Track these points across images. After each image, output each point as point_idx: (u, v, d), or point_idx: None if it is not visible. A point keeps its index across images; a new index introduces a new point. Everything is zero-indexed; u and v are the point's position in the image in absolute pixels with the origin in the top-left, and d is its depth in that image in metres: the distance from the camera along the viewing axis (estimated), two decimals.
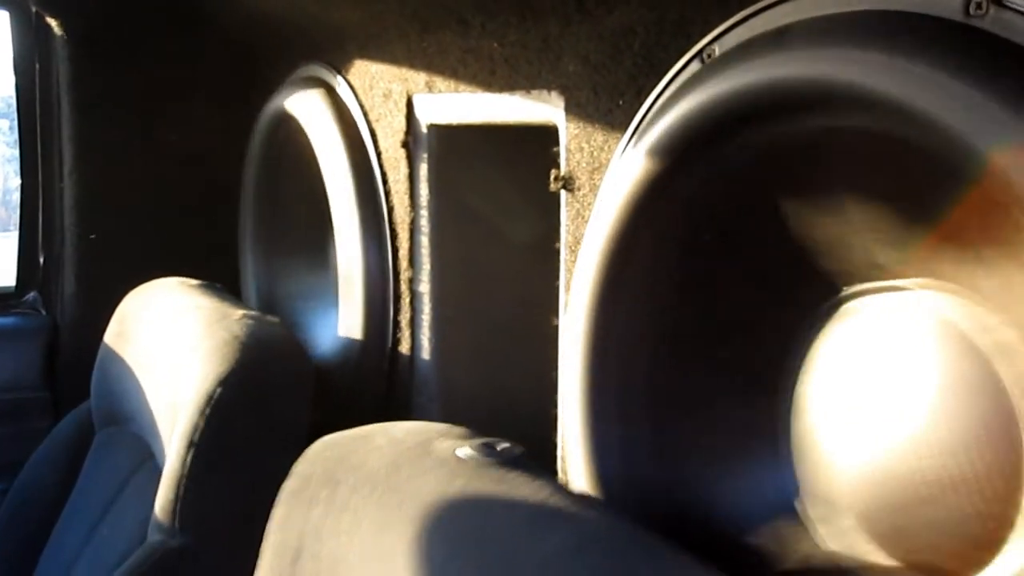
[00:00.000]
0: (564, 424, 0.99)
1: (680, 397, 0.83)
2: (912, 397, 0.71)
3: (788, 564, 0.76)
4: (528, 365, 1.20)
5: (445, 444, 0.70)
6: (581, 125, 0.95)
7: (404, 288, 1.31)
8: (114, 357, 1.35)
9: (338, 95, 1.44)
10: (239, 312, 1.17)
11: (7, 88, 1.80)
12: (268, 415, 1.08)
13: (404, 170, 1.29)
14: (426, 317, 1.28)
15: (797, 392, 0.80)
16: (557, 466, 1.01)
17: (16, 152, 1.78)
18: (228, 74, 1.80)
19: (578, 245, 0.96)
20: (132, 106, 1.74)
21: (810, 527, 0.78)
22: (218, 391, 1.03)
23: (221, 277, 1.49)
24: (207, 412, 1.03)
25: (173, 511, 1.01)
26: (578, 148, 0.95)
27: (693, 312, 0.82)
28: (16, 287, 1.81)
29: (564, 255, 0.99)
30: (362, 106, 1.38)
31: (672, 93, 0.81)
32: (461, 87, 1.16)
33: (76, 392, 1.54)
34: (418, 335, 1.30)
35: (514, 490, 0.62)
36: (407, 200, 1.29)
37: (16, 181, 1.79)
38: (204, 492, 1.03)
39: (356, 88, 1.40)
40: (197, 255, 1.74)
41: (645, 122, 0.85)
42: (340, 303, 1.40)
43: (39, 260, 1.79)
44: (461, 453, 0.68)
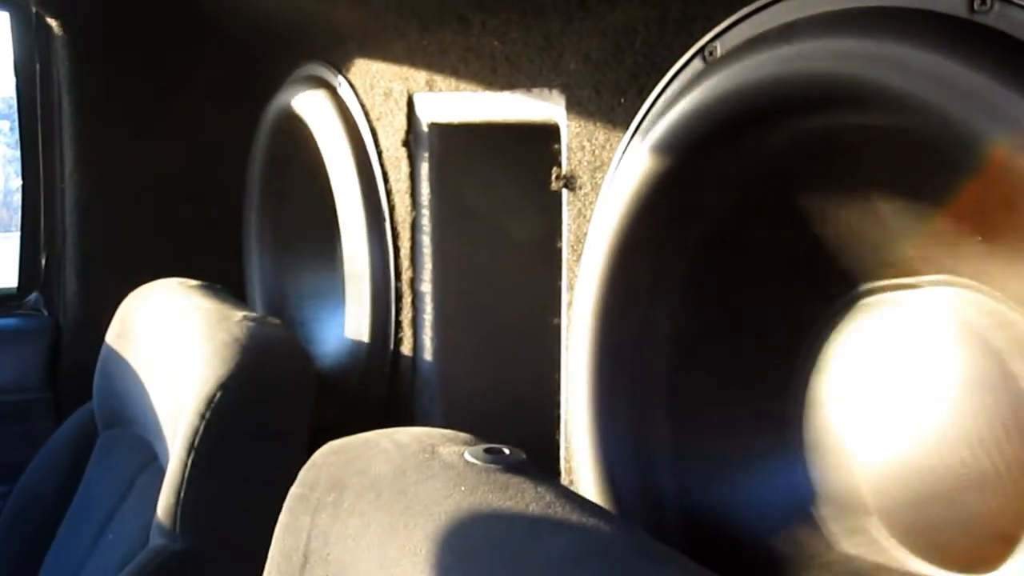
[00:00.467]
0: (568, 425, 0.99)
1: (691, 397, 0.82)
2: (928, 394, 0.71)
3: (804, 570, 0.75)
4: (530, 364, 1.20)
5: (451, 449, 0.70)
6: (582, 124, 0.94)
7: (406, 288, 1.31)
8: (116, 358, 1.35)
9: (339, 94, 1.43)
10: (240, 314, 1.17)
11: (7, 89, 1.80)
12: (268, 418, 1.08)
13: (405, 169, 1.28)
14: (428, 316, 1.28)
15: (812, 391, 0.80)
16: (560, 467, 1.01)
17: (17, 153, 1.78)
18: (228, 73, 1.79)
19: (580, 244, 0.96)
20: (133, 106, 1.74)
21: (826, 529, 0.78)
22: (218, 394, 1.03)
23: (222, 277, 1.49)
24: (207, 415, 1.02)
25: (174, 515, 1.01)
26: (579, 147, 0.95)
27: (704, 311, 0.82)
28: (18, 288, 1.81)
29: (566, 254, 0.99)
30: (363, 105, 1.38)
31: (674, 91, 0.81)
32: (462, 86, 1.15)
33: (78, 393, 1.54)
34: (420, 335, 1.29)
35: (520, 496, 0.62)
36: (408, 199, 1.28)
37: (17, 182, 1.79)
38: (205, 495, 1.02)
39: (357, 87, 1.40)
40: (198, 255, 1.74)
41: (647, 120, 0.84)
42: (346, 303, 1.40)
43: (41, 261, 1.79)
44: (467, 458, 0.68)
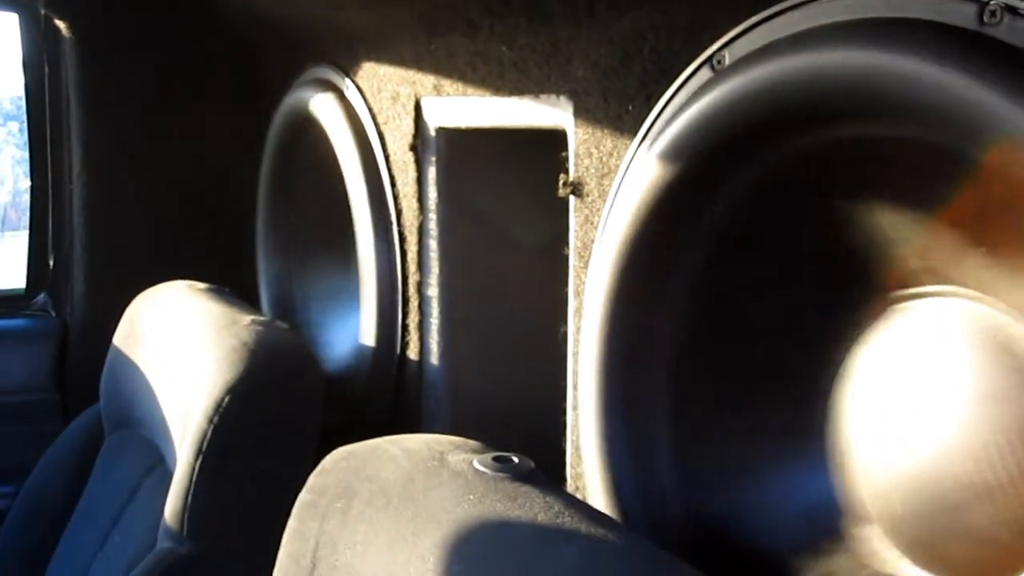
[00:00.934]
0: (575, 432, 0.99)
1: (698, 406, 0.82)
2: (933, 405, 0.70)
3: None
4: (536, 369, 1.20)
5: (459, 457, 0.70)
6: (590, 130, 0.94)
7: (412, 291, 1.31)
8: (123, 360, 1.35)
9: (346, 97, 1.43)
10: (248, 318, 1.17)
11: (16, 90, 1.81)
12: (276, 422, 1.08)
13: (412, 173, 1.28)
14: (435, 320, 1.28)
15: (820, 400, 0.80)
16: (566, 473, 1.01)
17: (26, 154, 1.78)
18: (236, 75, 1.80)
19: (587, 250, 0.96)
20: (140, 108, 1.74)
21: (830, 538, 0.77)
22: (226, 398, 1.03)
23: (230, 280, 1.49)
24: (215, 419, 1.03)
25: (182, 518, 1.02)
26: (587, 153, 0.95)
27: (713, 319, 0.82)
28: (26, 289, 1.81)
29: (573, 260, 0.99)
30: (370, 109, 1.38)
31: (682, 99, 0.81)
32: (470, 90, 1.16)
33: (85, 394, 1.55)
34: (427, 338, 1.30)
35: (528, 505, 0.62)
36: (415, 203, 1.29)
37: (26, 183, 1.80)
38: (213, 499, 1.03)
39: (364, 90, 1.40)
40: (206, 257, 1.75)
41: (655, 128, 0.84)
42: (361, 306, 1.40)
43: (49, 262, 1.79)
44: (475, 467, 0.68)
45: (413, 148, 1.28)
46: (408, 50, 1.27)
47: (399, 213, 1.33)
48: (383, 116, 1.35)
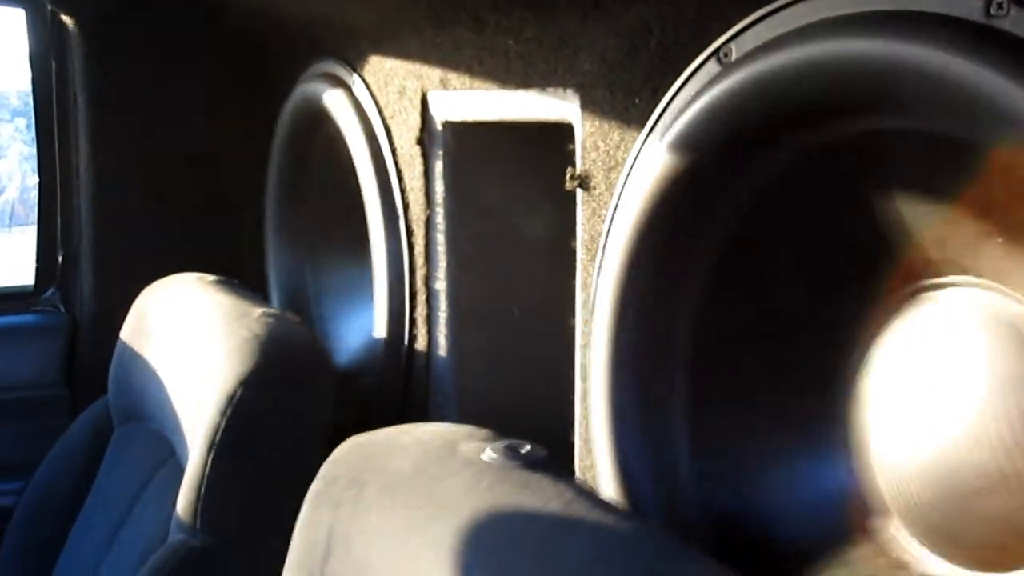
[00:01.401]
0: (583, 424, 1.00)
1: (710, 397, 0.83)
2: (949, 395, 0.71)
3: (824, 568, 0.76)
4: (544, 362, 1.21)
5: (470, 446, 0.71)
6: (597, 123, 0.95)
7: (420, 285, 1.32)
8: (132, 353, 1.35)
9: (353, 92, 1.44)
10: (259, 310, 1.17)
11: (23, 85, 1.81)
12: (289, 414, 1.08)
13: (419, 167, 1.29)
14: (442, 314, 1.29)
15: (834, 392, 0.80)
16: (575, 464, 1.02)
17: (34, 150, 1.79)
18: (243, 69, 1.80)
19: (594, 244, 0.96)
20: (148, 102, 1.75)
21: (847, 527, 0.78)
22: (239, 391, 1.04)
23: (238, 274, 1.50)
24: (228, 412, 1.03)
25: (195, 511, 1.02)
26: (594, 146, 0.95)
27: (723, 311, 0.82)
28: (35, 285, 1.82)
29: (580, 254, 0.99)
30: (377, 103, 1.39)
31: (689, 92, 0.81)
32: (476, 84, 1.16)
33: (95, 389, 1.54)
34: (434, 332, 1.30)
35: (539, 494, 0.62)
36: (423, 197, 1.29)
37: (34, 179, 1.80)
38: (226, 492, 1.03)
39: (371, 85, 1.41)
40: (215, 252, 1.75)
41: (662, 121, 0.85)
42: (374, 300, 1.40)
43: (57, 257, 1.80)
44: (486, 455, 0.68)
45: (420, 142, 1.28)
46: (414, 44, 1.27)
47: (406, 207, 1.34)
48: (390, 110, 1.36)
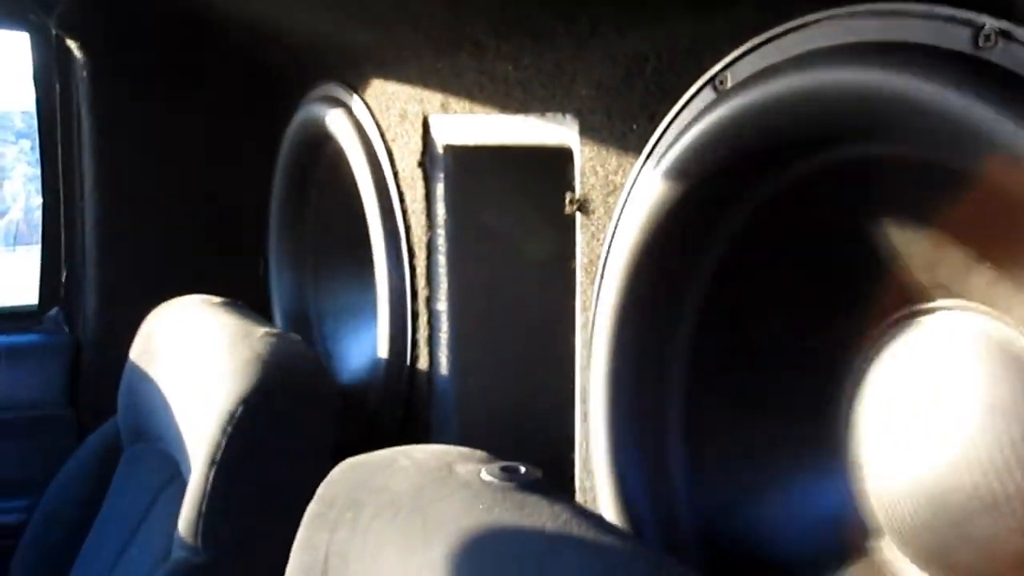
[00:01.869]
0: (583, 446, 1.00)
1: (707, 420, 0.83)
2: (942, 418, 0.71)
3: None
4: (544, 383, 1.22)
5: (467, 467, 0.72)
6: (595, 148, 0.96)
7: (422, 306, 1.33)
8: (140, 374, 1.36)
9: (355, 114, 1.45)
10: (261, 330, 1.18)
11: (28, 107, 1.83)
12: (290, 433, 1.09)
13: (421, 190, 1.30)
14: (444, 335, 1.29)
15: (829, 415, 0.80)
16: (575, 484, 1.03)
17: (38, 171, 1.80)
18: (246, 92, 1.82)
19: (593, 266, 0.97)
20: (151, 124, 1.76)
21: (840, 549, 0.78)
22: (239, 410, 1.05)
23: (242, 294, 1.50)
24: (228, 431, 1.04)
25: (196, 529, 1.03)
26: (592, 171, 0.96)
27: (720, 334, 0.83)
28: (39, 305, 1.83)
29: (580, 276, 1.00)
30: (379, 126, 1.40)
31: (685, 119, 0.82)
32: (476, 108, 1.17)
33: (99, 410, 1.55)
34: (436, 353, 1.31)
35: (537, 515, 0.63)
36: (424, 219, 1.30)
37: (39, 200, 1.82)
38: (226, 510, 1.04)
39: (373, 108, 1.42)
40: (218, 272, 1.76)
41: (659, 147, 0.86)
42: (377, 320, 1.41)
43: (61, 278, 1.81)
44: (484, 477, 0.69)
45: (421, 165, 1.29)
46: (415, 68, 1.28)
47: (408, 229, 1.35)
48: (392, 133, 1.37)
